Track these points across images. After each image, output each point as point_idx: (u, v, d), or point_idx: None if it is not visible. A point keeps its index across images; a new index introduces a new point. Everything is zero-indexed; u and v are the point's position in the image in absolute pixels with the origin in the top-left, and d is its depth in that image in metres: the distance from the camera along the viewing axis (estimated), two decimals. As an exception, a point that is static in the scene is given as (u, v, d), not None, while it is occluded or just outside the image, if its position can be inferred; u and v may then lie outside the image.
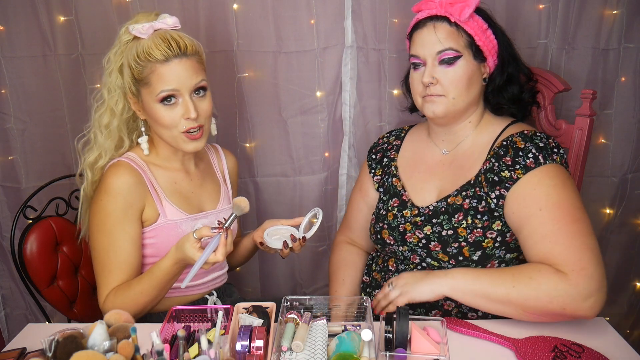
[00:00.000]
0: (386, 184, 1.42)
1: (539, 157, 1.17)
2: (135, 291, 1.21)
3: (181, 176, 1.37)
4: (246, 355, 0.96)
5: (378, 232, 1.37)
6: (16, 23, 1.68)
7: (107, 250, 1.24)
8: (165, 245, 1.28)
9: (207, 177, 1.45)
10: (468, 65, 1.23)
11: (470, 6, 1.20)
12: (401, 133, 1.49)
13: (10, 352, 1.07)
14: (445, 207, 1.26)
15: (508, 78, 1.28)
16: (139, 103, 1.28)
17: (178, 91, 1.23)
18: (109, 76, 1.28)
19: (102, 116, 1.30)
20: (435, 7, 1.23)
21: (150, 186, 1.29)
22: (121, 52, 1.26)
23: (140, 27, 1.23)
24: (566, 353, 1.04)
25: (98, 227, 1.25)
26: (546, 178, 1.15)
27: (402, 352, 1.01)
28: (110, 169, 1.27)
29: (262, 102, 1.79)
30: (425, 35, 1.24)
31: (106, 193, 1.24)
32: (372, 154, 1.50)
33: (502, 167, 1.20)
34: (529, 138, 1.22)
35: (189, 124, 1.24)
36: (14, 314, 2.00)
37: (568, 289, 1.05)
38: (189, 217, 1.33)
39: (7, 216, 1.87)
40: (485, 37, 1.23)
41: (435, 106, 1.25)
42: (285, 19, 1.70)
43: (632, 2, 1.62)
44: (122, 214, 1.24)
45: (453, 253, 1.23)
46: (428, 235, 1.26)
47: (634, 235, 1.89)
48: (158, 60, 1.21)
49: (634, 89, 1.71)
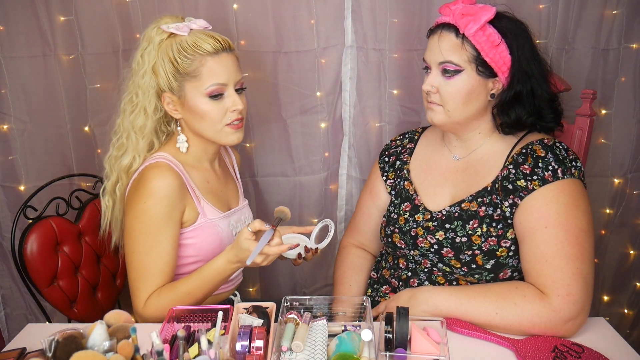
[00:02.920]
0: (398, 187, 1.40)
1: (558, 171, 1.16)
2: (182, 292, 1.21)
3: (211, 175, 1.38)
4: (246, 355, 0.96)
5: (389, 235, 1.36)
6: (16, 23, 1.68)
7: (149, 253, 1.22)
8: (205, 244, 1.30)
9: (227, 174, 1.48)
10: (469, 80, 1.18)
11: (477, 22, 1.15)
12: (414, 135, 1.46)
13: (10, 352, 1.07)
14: (459, 212, 1.25)
15: (515, 97, 1.21)
16: (178, 100, 1.26)
17: (226, 85, 1.24)
18: (142, 77, 1.26)
19: (137, 118, 1.29)
20: (450, 14, 1.19)
21: (189, 187, 1.29)
22: (156, 50, 1.24)
23: (175, 25, 1.24)
24: (566, 353, 1.04)
25: (141, 230, 1.22)
26: (560, 195, 1.15)
27: (402, 352, 1.01)
28: (152, 170, 1.24)
29: (262, 102, 1.79)
30: (433, 42, 1.22)
31: (150, 195, 1.21)
32: (385, 157, 1.48)
33: (519, 176, 1.19)
34: (549, 148, 1.20)
35: (234, 115, 1.26)
36: (14, 314, 2.00)
37: (551, 314, 1.09)
38: (224, 215, 1.36)
39: (7, 216, 1.87)
40: (495, 53, 1.16)
41: (433, 114, 1.24)
42: (285, 19, 1.70)
43: (632, 2, 1.62)
44: (167, 216, 1.22)
45: (466, 260, 1.22)
46: (440, 240, 1.25)
47: (634, 235, 1.89)
48: (209, 52, 1.22)
49: (634, 89, 1.71)
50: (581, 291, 1.10)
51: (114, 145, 1.34)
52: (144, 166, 1.27)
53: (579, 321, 1.11)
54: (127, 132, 1.30)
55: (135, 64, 1.28)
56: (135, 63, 1.28)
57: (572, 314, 1.09)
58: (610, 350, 1.06)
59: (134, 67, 1.28)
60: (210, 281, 1.22)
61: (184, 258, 1.32)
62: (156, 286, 1.23)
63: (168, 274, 1.24)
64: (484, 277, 1.22)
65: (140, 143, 1.30)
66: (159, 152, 1.31)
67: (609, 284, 1.96)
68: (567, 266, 1.10)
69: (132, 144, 1.30)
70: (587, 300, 1.11)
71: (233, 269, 1.21)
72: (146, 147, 1.31)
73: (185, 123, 1.31)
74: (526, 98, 1.21)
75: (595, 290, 1.95)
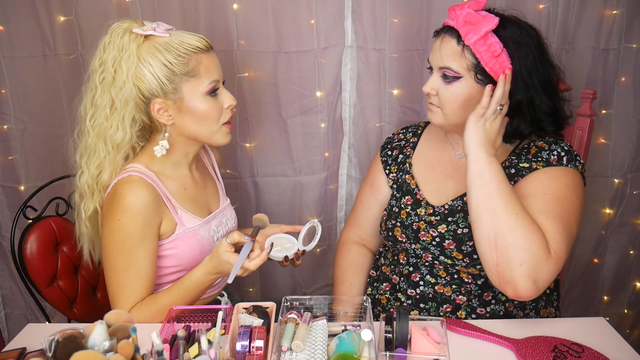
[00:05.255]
0: (399, 181, 1.41)
1: (564, 158, 1.19)
2: (162, 304, 1.20)
3: (188, 181, 1.33)
4: (246, 355, 0.96)
5: (390, 229, 1.37)
6: (16, 23, 1.68)
7: (127, 270, 1.19)
8: (186, 254, 1.28)
9: (206, 176, 1.44)
10: (467, 87, 1.18)
11: (477, 32, 1.13)
12: (417, 130, 1.47)
13: (10, 352, 1.07)
14: (462, 205, 1.27)
15: (516, 108, 1.20)
16: (174, 105, 1.20)
17: (219, 82, 1.23)
18: (121, 89, 1.17)
19: (115, 134, 1.21)
20: (455, 18, 1.18)
21: (165, 198, 1.24)
22: (135, 57, 1.16)
23: (151, 26, 1.18)
24: (566, 353, 1.04)
25: (117, 247, 1.19)
26: (564, 177, 1.17)
27: (402, 352, 1.01)
28: (124, 185, 1.18)
29: (262, 102, 1.79)
30: (436, 45, 1.23)
31: (124, 212, 1.16)
32: (388, 150, 1.48)
33: (521, 160, 1.21)
34: (553, 141, 1.22)
35: (229, 113, 1.26)
36: (14, 314, 2.00)
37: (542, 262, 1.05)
38: (203, 221, 1.32)
39: (7, 216, 1.87)
40: (495, 62, 1.15)
41: (433, 115, 1.26)
42: (285, 19, 1.70)
43: (632, 2, 1.62)
44: (142, 232, 1.18)
45: (468, 251, 1.23)
46: (442, 233, 1.26)
47: (634, 235, 1.89)
48: (202, 50, 1.19)
49: (634, 89, 1.71)
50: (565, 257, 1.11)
51: (88, 165, 1.24)
52: (117, 180, 1.20)
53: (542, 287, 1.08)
54: (104, 150, 1.22)
55: (106, 74, 1.18)
56: (106, 74, 1.18)
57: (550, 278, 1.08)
58: (610, 350, 1.06)
59: (106, 78, 1.18)
60: (189, 292, 1.21)
61: (165, 268, 1.29)
62: (135, 300, 1.21)
63: (147, 288, 1.22)
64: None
65: (117, 158, 1.23)
66: (132, 163, 1.24)
67: (609, 284, 1.96)
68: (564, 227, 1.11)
69: (110, 161, 1.23)
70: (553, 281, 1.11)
71: (212, 279, 1.21)
72: (122, 160, 1.25)
73: (175, 128, 1.23)
74: (526, 108, 1.21)
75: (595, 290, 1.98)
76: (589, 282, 1.93)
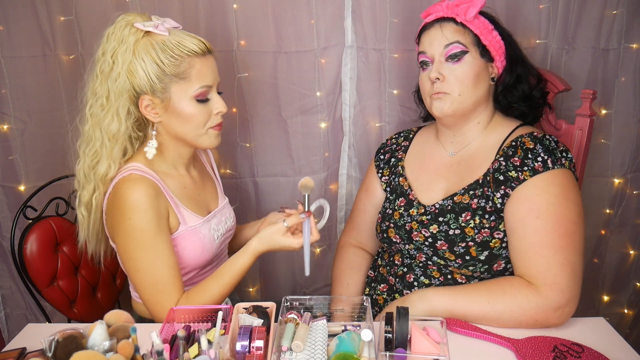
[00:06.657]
0: (393, 184, 1.43)
1: (548, 161, 1.18)
2: (212, 293, 1.21)
3: (187, 180, 1.34)
4: (246, 355, 0.96)
5: (384, 230, 1.38)
6: (16, 23, 1.68)
7: (154, 266, 1.18)
8: (187, 252, 1.27)
9: (204, 175, 1.44)
10: (475, 62, 1.23)
11: (476, 6, 1.22)
12: (409, 134, 1.49)
13: (10, 352, 1.07)
14: (452, 205, 1.27)
15: (517, 78, 1.29)
16: (161, 103, 1.20)
17: (211, 87, 1.22)
18: (116, 80, 1.17)
19: (110, 124, 1.21)
20: (442, 9, 1.26)
21: (167, 194, 1.24)
22: (131, 50, 1.16)
23: (151, 23, 1.18)
24: (566, 353, 1.04)
25: (136, 246, 1.17)
26: (552, 185, 1.16)
27: (402, 352, 1.01)
28: (126, 185, 1.18)
29: (262, 102, 1.79)
30: (433, 33, 1.26)
31: (133, 210, 1.16)
32: (380, 155, 1.51)
33: (509, 167, 1.21)
34: (539, 140, 1.22)
35: (218, 118, 1.25)
36: (14, 314, 2.00)
37: (539, 301, 1.11)
38: (204, 220, 1.32)
39: (7, 216, 1.87)
40: (491, 37, 1.25)
41: (442, 104, 1.25)
42: (285, 19, 1.70)
43: (632, 2, 1.62)
44: (156, 226, 1.18)
45: (460, 252, 1.23)
46: (434, 234, 1.27)
47: (634, 235, 1.89)
48: (197, 53, 1.18)
49: (634, 89, 1.71)
50: (568, 280, 1.11)
51: (86, 153, 1.24)
52: (118, 179, 1.20)
53: (568, 310, 1.12)
54: (100, 139, 1.22)
55: (105, 65, 1.19)
56: (105, 64, 1.19)
57: (561, 302, 1.10)
58: (610, 350, 1.05)
59: (104, 68, 1.19)
60: (239, 277, 1.23)
61: None
62: (176, 291, 1.19)
63: (180, 278, 1.22)
64: (478, 269, 1.23)
65: (114, 150, 1.22)
66: (132, 162, 1.24)
67: (609, 284, 1.96)
68: (555, 257, 1.12)
69: (107, 151, 1.22)
70: (575, 290, 1.12)
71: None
72: (120, 153, 1.24)
73: (163, 127, 1.24)
74: (526, 78, 1.30)
75: (595, 290, 1.97)
76: (589, 282, 1.93)
